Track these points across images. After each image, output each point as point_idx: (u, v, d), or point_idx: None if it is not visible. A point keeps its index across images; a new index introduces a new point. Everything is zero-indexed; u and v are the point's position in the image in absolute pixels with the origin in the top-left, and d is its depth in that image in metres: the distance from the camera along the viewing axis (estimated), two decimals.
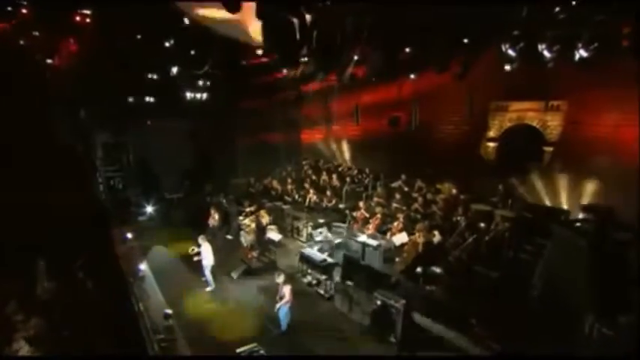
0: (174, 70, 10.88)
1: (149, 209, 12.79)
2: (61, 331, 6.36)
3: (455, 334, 6.73)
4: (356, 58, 12.19)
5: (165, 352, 6.33)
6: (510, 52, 6.25)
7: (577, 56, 5.35)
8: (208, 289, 8.54)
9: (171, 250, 10.71)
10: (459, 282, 7.56)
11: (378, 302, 6.79)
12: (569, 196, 9.40)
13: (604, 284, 4.99)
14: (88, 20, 9.56)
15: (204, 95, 13.48)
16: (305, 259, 8.62)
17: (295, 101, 18.29)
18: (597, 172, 8.58)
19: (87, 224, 9.80)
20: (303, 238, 10.99)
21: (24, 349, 5.62)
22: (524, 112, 11.03)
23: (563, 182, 9.66)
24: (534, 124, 10.75)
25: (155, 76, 11.95)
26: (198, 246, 8.51)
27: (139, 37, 9.40)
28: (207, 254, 8.44)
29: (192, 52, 11.00)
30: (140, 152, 14.52)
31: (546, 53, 5.72)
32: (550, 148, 10.49)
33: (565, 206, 9.26)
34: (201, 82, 12.80)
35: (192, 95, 13.05)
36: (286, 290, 6.71)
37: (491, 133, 11.75)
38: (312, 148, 18.26)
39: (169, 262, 10.00)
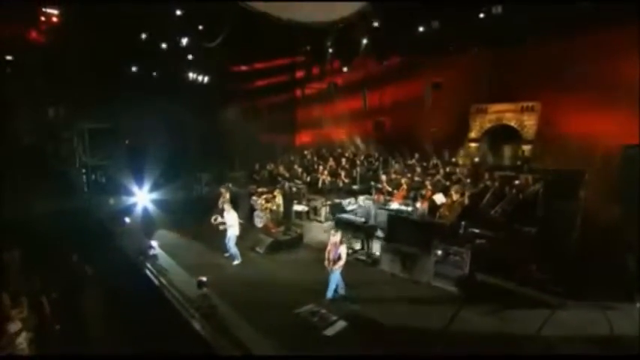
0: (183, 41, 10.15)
1: (142, 199, 11.46)
2: (53, 323, 5.51)
3: (516, 284, 6.51)
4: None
5: (210, 319, 5.41)
6: None
7: None
8: (235, 262, 7.58)
9: (177, 233, 9.57)
10: (502, 237, 7.41)
11: (439, 252, 6.39)
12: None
13: None
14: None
15: (206, 78, 12.72)
16: (343, 224, 8.01)
17: (293, 103, 18.38)
18: None
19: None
20: (322, 218, 10.40)
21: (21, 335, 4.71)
22: (503, 113, 11.67)
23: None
24: (512, 124, 11.41)
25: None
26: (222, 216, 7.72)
27: None
28: (233, 222, 7.52)
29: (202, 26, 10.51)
30: (129, 140, 13.28)
31: None
32: (528, 146, 11.16)
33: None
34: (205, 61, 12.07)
35: (194, 76, 12.21)
36: (342, 251, 5.90)
37: (473, 134, 12.28)
38: (311, 146, 18.00)
39: (180, 243, 8.86)
